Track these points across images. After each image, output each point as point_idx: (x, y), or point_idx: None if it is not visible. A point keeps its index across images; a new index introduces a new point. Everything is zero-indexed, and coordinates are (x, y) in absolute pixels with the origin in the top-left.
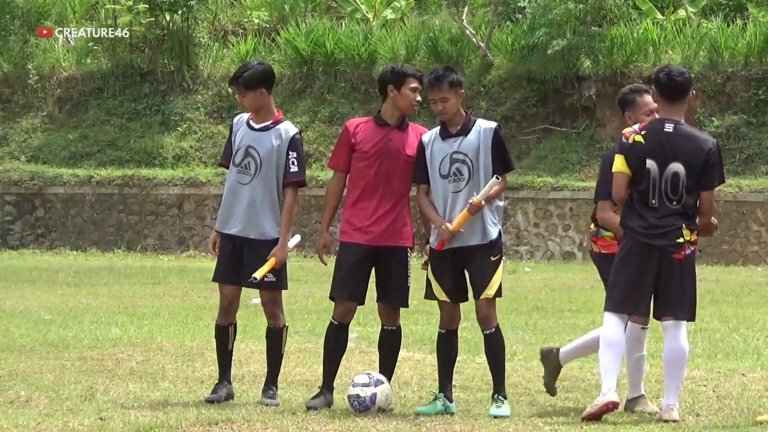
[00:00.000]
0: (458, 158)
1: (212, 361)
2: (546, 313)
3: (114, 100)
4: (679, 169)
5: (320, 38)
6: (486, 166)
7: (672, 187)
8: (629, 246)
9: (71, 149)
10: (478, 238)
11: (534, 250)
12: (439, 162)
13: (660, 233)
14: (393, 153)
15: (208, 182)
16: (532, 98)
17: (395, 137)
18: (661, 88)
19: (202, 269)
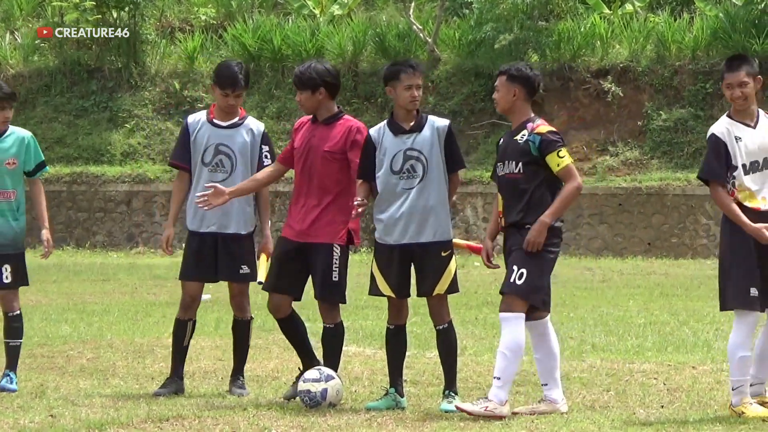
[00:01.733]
0: (412, 155)
1: (162, 357)
2: (496, 308)
3: (62, 97)
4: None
5: (267, 34)
6: (438, 163)
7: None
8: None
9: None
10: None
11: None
12: (391, 157)
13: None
14: (313, 149)
15: (157, 179)
16: (480, 93)
17: (318, 133)
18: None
19: (152, 266)
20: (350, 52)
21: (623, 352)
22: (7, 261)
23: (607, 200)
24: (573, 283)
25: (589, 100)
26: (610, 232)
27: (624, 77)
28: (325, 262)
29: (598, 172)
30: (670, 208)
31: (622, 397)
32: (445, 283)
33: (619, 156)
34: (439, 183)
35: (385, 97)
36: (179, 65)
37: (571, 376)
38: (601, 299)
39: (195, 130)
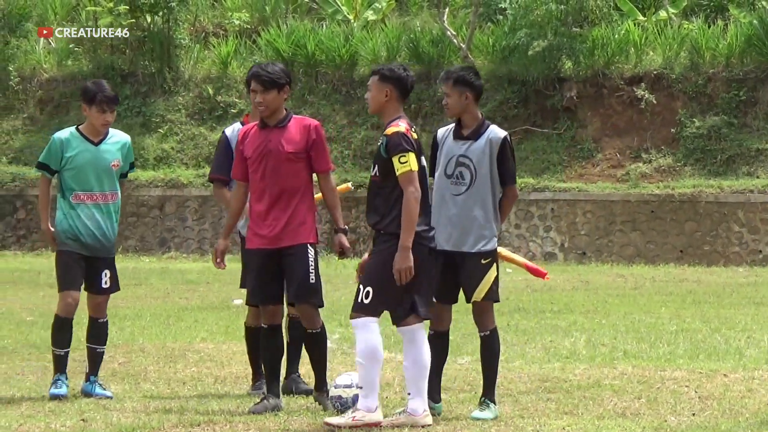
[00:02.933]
0: (463, 162)
1: (194, 362)
2: (527, 314)
3: None
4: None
5: (301, 39)
6: (487, 174)
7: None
8: None
9: None
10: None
11: (515, 251)
12: (446, 161)
13: None
14: (273, 154)
15: (189, 184)
16: (513, 99)
17: (274, 137)
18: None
19: (184, 270)
20: (384, 58)
21: (655, 360)
22: (107, 266)
23: (640, 207)
24: (605, 290)
25: (622, 107)
26: (643, 239)
27: (658, 84)
28: (302, 265)
29: (631, 179)
30: (703, 216)
31: (653, 405)
32: (482, 290)
33: (652, 163)
34: (486, 194)
35: (418, 102)
36: (213, 70)
37: (602, 383)
38: (633, 306)
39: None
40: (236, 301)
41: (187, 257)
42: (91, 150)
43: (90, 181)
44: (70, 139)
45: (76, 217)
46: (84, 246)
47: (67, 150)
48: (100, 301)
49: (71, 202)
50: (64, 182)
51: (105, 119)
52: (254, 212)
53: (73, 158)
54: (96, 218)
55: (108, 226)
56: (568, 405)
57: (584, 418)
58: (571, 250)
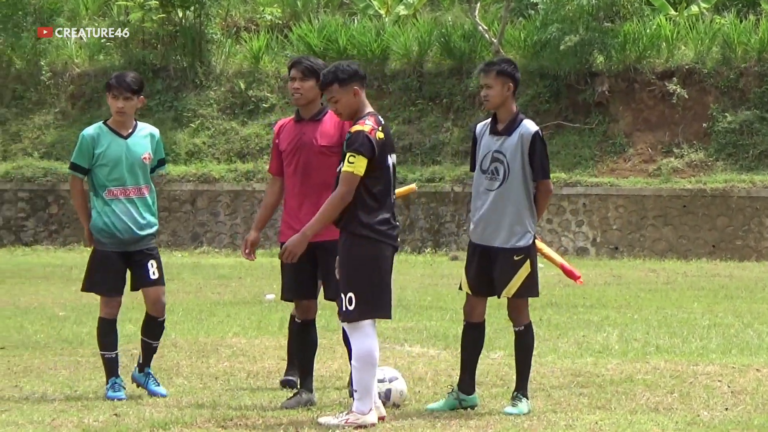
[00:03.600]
0: (498, 157)
1: (227, 357)
2: (560, 309)
3: None
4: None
5: (333, 34)
6: (520, 170)
7: None
8: None
9: None
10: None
11: (547, 245)
12: (483, 156)
13: None
14: (306, 147)
15: (221, 178)
16: (545, 94)
17: (308, 130)
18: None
19: (216, 265)
20: (415, 53)
21: (687, 354)
22: (151, 257)
23: (672, 202)
24: (637, 285)
25: (654, 102)
26: (675, 233)
27: (689, 79)
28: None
29: (662, 173)
30: (735, 210)
31: (686, 399)
32: (514, 286)
33: (683, 158)
34: (520, 190)
35: (450, 97)
36: (244, 65)
37: (635, 378)
38: (666, 301)
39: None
40: (268, 296)
41: (219, 252)
42: (121, 143)
43: (123, 176)
44: (99, 135)
45: (111, 213)
46: (122, 242)
47: (97, 146)
48: (156, 296)
49: (105, 198)
50: (96, 179)
51: (117, 106)
52: (288, 206)
53: (104, 153)
54: (131, 213)
55: (145, 219)
56: (600, 400)
57: (617, 413)
58: (603, 245)
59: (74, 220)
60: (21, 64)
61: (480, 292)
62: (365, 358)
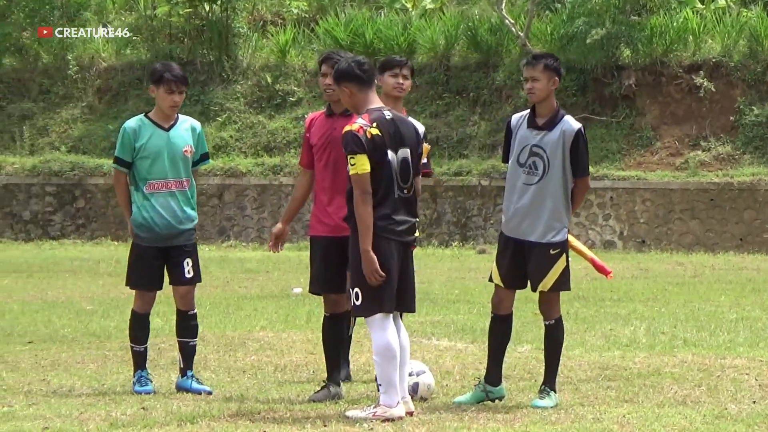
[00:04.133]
0: (537, 152)
1: (254, 350)
2: (587, 302)
3: None
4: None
5: (359, 28)
6: (560, 166)
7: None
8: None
9: (111, 139)
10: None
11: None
12: (520, 149)
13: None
14: (337, 142)
15: (248, 172)
16: (572, 87)
17: (339, 125)
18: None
19: (243, 259)
20: (442, 46)
21: (715, 348)
22: (188, 254)
23: (699, 195)
24: (664, 278)
25: (681, 95)
26: (702, 227)
27: (716, 72)
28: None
29: (689, 167)
30: (762, 204)
31: (713, 393)
32: (550, 280)
33: (711, 151)
34: (558, 185)
35: (476, 91)
36: (271, 59)
37: (662, 371)
38: (693, 294)
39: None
40: (296, 290)
41: (247, 246)
42: (163, 136)
43: (164, 168)
44: (140, 127)
45: (151, 207)
46: (160, 237)
47: (138, 138)
48: (185, 292)
49: (145, 192)
50: (137, 172)
51: (173, 100)
52: (318, 200)
53: (145, 146)
54: (171, 206)
55: (184, 213)
56: (628, 393)
57: (644, 406)
58: (630, 239)
59: (101, 214)
60: (48, 58)
61: (511, 285)
62: (383, 352)
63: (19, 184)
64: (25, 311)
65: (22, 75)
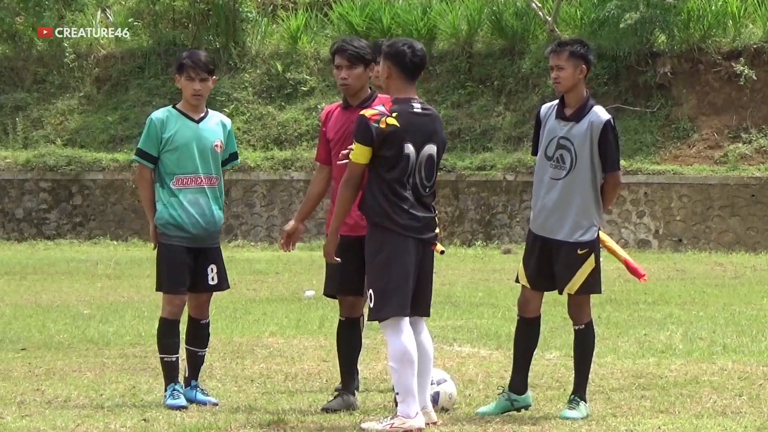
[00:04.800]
0: (564, 144)
1: (263, 358)
2: (620, 306)
3: (156, 79)
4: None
5: (376, 13)
6: (588, 160)
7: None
8: None
9: (110, 132)
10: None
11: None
12: (548, 141)
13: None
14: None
15: (257, 167)
16: (603, 76)
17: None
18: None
19: (251, 260)
20: (464, 32)
21: (757, 354)
22: (213, 259)
23: (739, 191)
24: (703, 280)
25: (720, 84)
26: (743, 225)
27: (758, 59)
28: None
29: (729, 160)
30: None
31: (755, 402)
32: (577, 282)
33: (752, 143)
34: (586, 180)
35: (501, 79)
36: (281, 45)
37: (700, 380)
38: (733, 297)
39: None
40: (308, 293)
41: (255, 246)
42: (192, 127)
43: (194, 162)
44: (168, 117)
45: (178, 204)
46: (189, 236)
47: (165, 130)
48: (203, 300)
49: (172, 188)
50: (164, 167)
51: (193, 88)
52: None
53: (173, 137)
54: (200, 204)
55: (213, 212)
56: (663, 403)
57: (681, 417)
58: (666, 237)
59: (100, 212)
60: (43, 45)
61: (538, 286)
62: (400, 357)
63: (12, 180)
64: (18, 316)
65: (15, 63)
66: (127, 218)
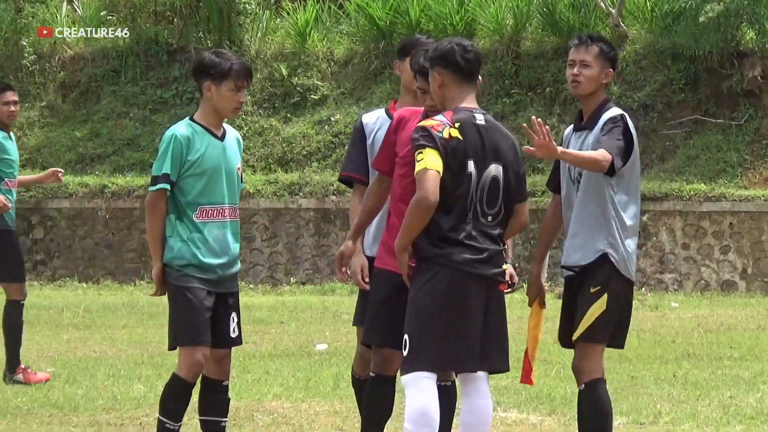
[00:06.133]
0: None
1: (264, 426)
2: (700, 362)
3: (134, 85)
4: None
5: (402, 4)
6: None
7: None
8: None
9: (79, 150)
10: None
11: (683, 278)
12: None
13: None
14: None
15: (257, 193)
16: (679, 81)
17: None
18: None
19: (251, 306)
20: (510, 28)
21: None
22: (234, 307)
23: None
24: None
25: None
26: None
27: None
28: None
29: None
30: None
31: None
32: (582, 326)
33: None
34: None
35: (555, 85)
36: (287, 44)
37: None
38: None
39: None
40: (319, 347)
41: (255, 289)
42: (219, 146)
43: (222, 190)
44: (194, 134)
45: (203, 241)
46: (214, 279)
47: (190, 150)
48: (224, 355)
49: (195, 221)
50: (183, 195)
51: (240, 100)
52: (392, 224)
53: (202, 160)
54: (227, 241)
55: (236, 251)
56: None
57: None
58: (756, 278)
59: (65, 248)
60: None
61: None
62: (417, 418)
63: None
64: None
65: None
66: (98, 255)
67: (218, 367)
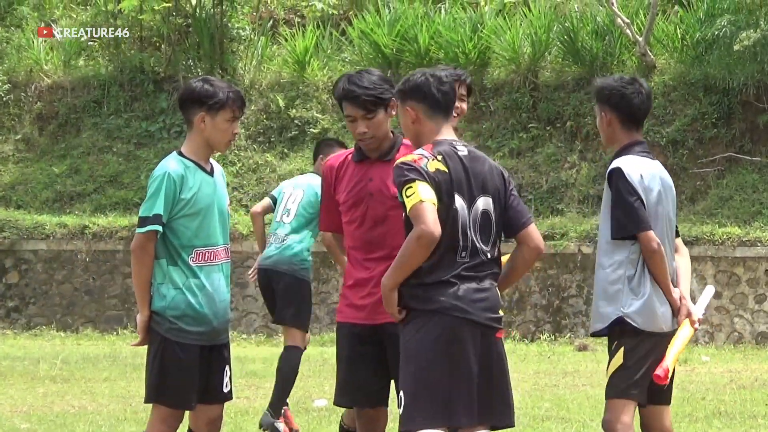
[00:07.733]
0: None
1: None
2: (732, 421)
3: (118, 117)
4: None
5: (410, 30)
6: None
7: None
8: None
9: (57, 188)
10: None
11: (714, 330)
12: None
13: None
14: (375, 197)
15: (251, 235)
16: (711, 115)
17: (376, 173)
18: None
19: (244, 358)
20: (527, 57)
21: None
22: (227, 360)
23: None
24: None
25: None
26: None
27: None
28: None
29: None
30: None
31: None
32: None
33: None
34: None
35: (576, 119)
36: (284, 73)
37: None
38: None
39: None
40: (318, 402)
41: (248, 339)
42: (210, 183)
43: (215, 230)
44: (186, 172)
45: (199, 287)
46: (209, 331)
47: (183, 188)
48: (218, 413)
49: (191, 265)
50: (177, 237)
51: (234, 130)
52: (350, 275)
53: (196, 198)
54: (221, 286)
55: (228, 296)
56: None
57: None
58: None
59: (42, 294)
60: None
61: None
62: None
63: None
64: None
65: None
66: (78, 302)
67: (213, 426)
